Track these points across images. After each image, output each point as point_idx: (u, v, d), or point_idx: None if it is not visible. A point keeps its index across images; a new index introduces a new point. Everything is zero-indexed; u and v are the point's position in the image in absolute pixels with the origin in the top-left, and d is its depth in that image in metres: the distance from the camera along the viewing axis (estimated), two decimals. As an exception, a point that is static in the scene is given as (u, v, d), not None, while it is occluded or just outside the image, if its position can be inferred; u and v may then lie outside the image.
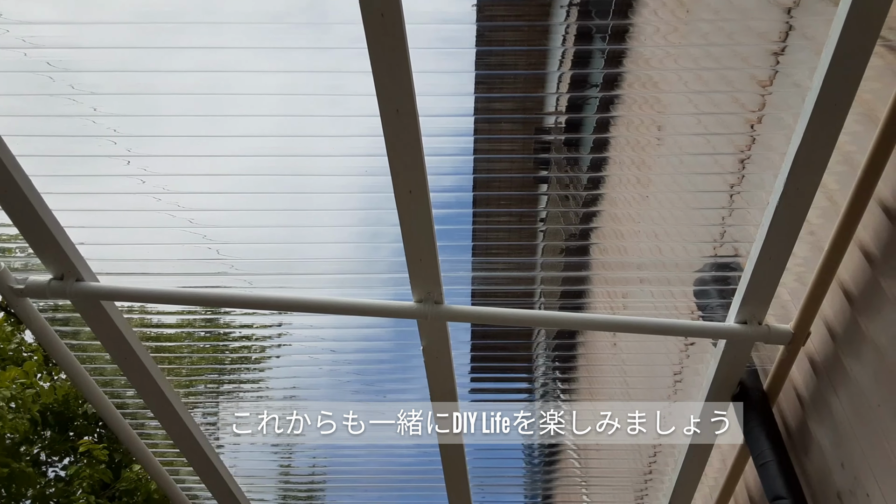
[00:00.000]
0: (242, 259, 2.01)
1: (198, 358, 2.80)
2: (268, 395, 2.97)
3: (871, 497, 1.77)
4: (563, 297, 2.17)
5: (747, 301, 2.05)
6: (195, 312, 2.51)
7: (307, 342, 2.73)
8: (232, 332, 2.88)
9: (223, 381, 2.85)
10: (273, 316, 2.65)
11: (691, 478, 2.64)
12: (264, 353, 2.90)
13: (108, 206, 2.06)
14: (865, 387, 1.82)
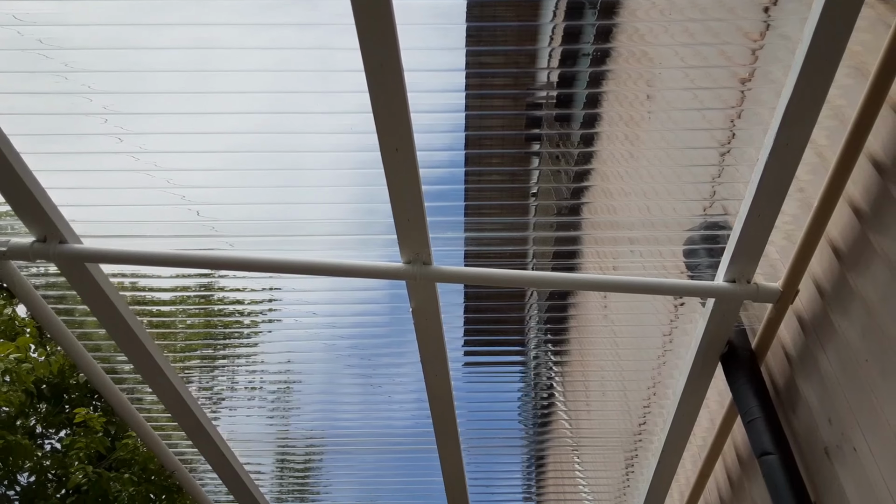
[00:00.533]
0: (229, 220, 1.99)
1: (191, 332, 2.79)
2: (262, 367, 2.98)
3: (859, 451, 1.79)
4: (555, 257, 2.16)
5: (736, 259, 2.04)
6: (186, 276, 2.48)
7: (302, 317, 2.73)
8: (225, 308, 2.86)
9: (216, 356, 2.84)
10: (265, 281, 2.64)
11: (680, 437, 2.66)
12: (257, 326, 2.89)
13: (93, 169, 2.04)
14: (853, 343, 1.83)
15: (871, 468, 1.74)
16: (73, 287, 2.03)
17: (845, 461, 1.85)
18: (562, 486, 3.59)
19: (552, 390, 3.01)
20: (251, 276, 2.61)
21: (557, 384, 2.96)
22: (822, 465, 1.98)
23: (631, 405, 3.02)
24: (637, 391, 2.87)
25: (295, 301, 2.68)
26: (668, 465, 2.80)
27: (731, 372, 2.27)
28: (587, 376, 3.01)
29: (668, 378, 2.70)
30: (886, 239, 1.69)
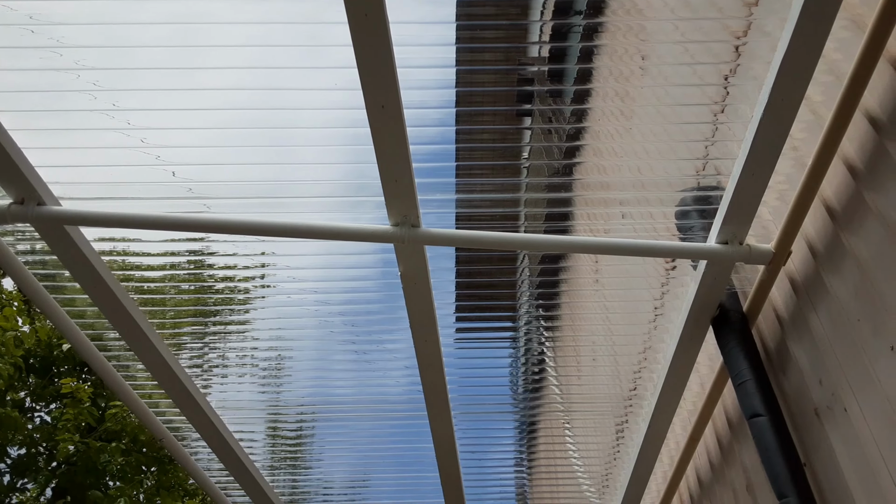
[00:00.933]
0: (209, 182, 1.94)
1: (181, 304, 2.75)
2: (253, 337, 2.95)
3: (849, 411, 1.78)
4: (547, 220, 2.13)
5: (728, 220, 2.02)
6: (175, 241, 2.43)
7: (293, 286, 2.70)
8: (215, 274, 2.82)
9: (207, 323, 2.81)
10: (256, 250, 2.60)
11: (670, 401, 2.66)
12: (247, 296, 2.85)
13: (77, 139, 1.99)
14: (845, 302, 1.81)
15: (861, 428, 1.73)
16: (52, 251, 1.98)
17: (836, 422, 1.85)
18: (552, 452, 3.60)
19: (543, 356, 3.00)
20: (241, 241, 2.57)
21: (548, 350, 2.95)
22: (812, 426, 1.98)
23: (622, 371, 3.02)
24: (628, 356, 2.87)
25: (285, 267, 2.64)
26: (658, 429, 2.80)
27: (722, 335, 2.26)
28: (577, 340, 3.00)
29: (658, 343, 2.69)
30: (881, 196, 1.66)
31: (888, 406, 1.63)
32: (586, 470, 3.64)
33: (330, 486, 3.73)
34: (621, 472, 3.29)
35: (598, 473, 3.55)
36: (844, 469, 1.80)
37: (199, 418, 2.65)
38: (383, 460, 3.56)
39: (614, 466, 3.40)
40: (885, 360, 1.65)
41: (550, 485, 3.88)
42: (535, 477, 3.71)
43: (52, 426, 9.07)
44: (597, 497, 3.70)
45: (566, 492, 3.82)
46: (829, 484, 1.88)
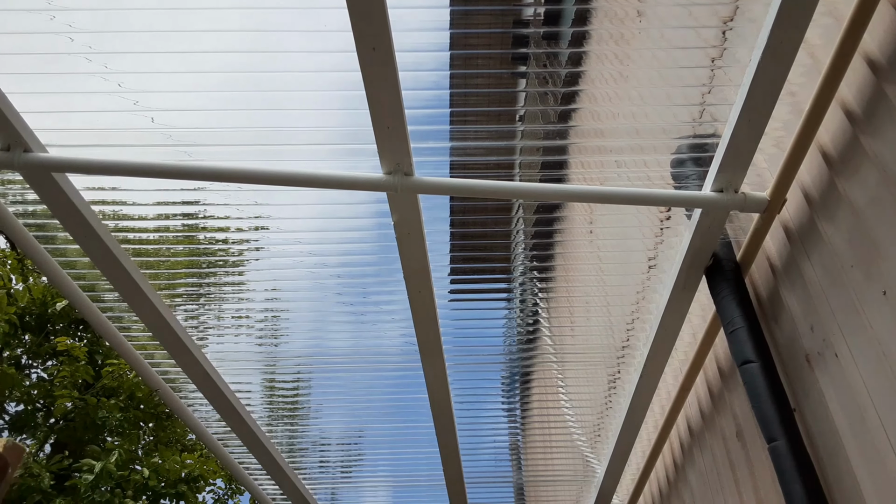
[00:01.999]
0: (192, 129, 1.90)
1: (175, 262, 2.72)
2: (249, 292, 2.94)
3: (840, 356, 1.80)
4: (542, 168, 2.10)
5: (724, 168, 2.00)
6: (168, 191, 2.40)
7: (289, 246, 2.69)
8: (211, 235, 2.79)
9: (201, 284, 2.79)
10: (251, 204, 2.58)
11: (662, 351, 2.68)
12: (242, 255, 2.83)
13: (65, 87, 1.95)
14: (839, 249, 1.81)
15: (851, 372, 1.75)
16: (41, 199, 1.96)
17: (826, 367, 1.87)
18: (545, 403, 3.64)
19: (537, 307, 3.01)
20: (234, 199, 2.54)
21: (542, 302, 2.95)
22: (802, 372, 2.00)
23: (615, 322, 3.04)
24: (621, 306, 2.88)
25: (279, 227, 2.63)
26: (650, 379, 2.83)
27: (715, 284, 2.26)
28: (571, 291, 3.01)
29: (652, 293, 2.70)
30: (878, 141, 1.65)
31: (879, 350, 1.64)
32: (578, 420, 3.69)
33: (327, 438, 3.78)
34: (613, 422, 3.34)
35: (591, 424, 3.60)
36: (834, 413, 1.83)
37: (194, 368, 2.66)
38: (379, 411, 3.60)
39: (606, 416, 3.44)
40: (877, 305, 1.65)
41: (543, 435, 3.94)
42: (528, 427, 3.76)
43: (49, 383, 9.13)
44: (588, 447, 3.76)
45: (558, 442, 3.88)
46: (818, 428, 1.91)
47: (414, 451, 3.69)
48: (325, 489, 3.92)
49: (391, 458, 3.89)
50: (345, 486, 3.98)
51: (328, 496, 4.00)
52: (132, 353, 2.76)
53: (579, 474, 4.02)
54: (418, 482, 3.90)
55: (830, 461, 1.84)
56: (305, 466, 3.76)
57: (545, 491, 4.37)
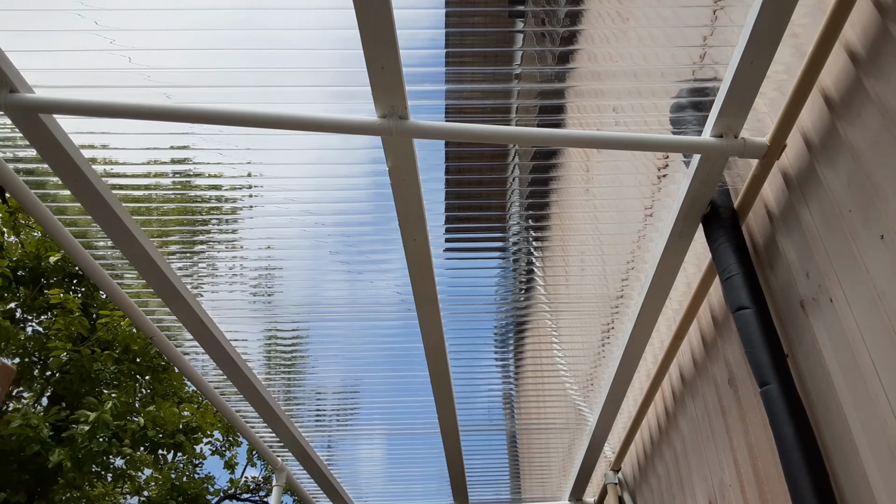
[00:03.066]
0: (178, 69, 1.86)
1: (166, 212, 2.69)
2: (243, 246, 2.92)
3: (835, 301, 1.80)
4: (539, 113, 2.07)
5: (725, 112, 1.97)
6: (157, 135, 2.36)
7: (282, 204, 2.66)
8: (201, 185, 2.76)
9: (195, 241, 2.77)
10: (243, 161, 2.55)
11: (657, 300, 2.68)
12: (235, 211, 2.80)
13: (54, 36, 1.89)
14: (838, 194, 1.80)
15: (845, 317, 1.76)
16: (29, 142, 1.92)
17: (821, 313, 1.87)
18: (539, 353, 3.67)
19: (532, 258, 3.00)
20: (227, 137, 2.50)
21: (538, 252, 2.95)
22: (796, 318, 2.00)
23: (609, 273, 3.04)
24: (616, 255, 2.87)
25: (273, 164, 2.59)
26: (644, 328, 2.84)
27: (711, 232, 2.25)
28: (566, 241, 3.00)
29: (648, 242, 2.69)
30: (881, 83, 1.62)
31: (874, 294, 1.64)
32: (572, 370, 3.72)
33: (323, 387, 3.80)
34: (606, 372, 3.36)
35: (584, 373, 3.63)
36: (826, 358, 1.84)
37: (188, 315, 2.65)
38: (375, 361, 3.62)
39: (599, 366, 3.47)
40: (873, 249, 1.65)
41: (536, 384, 3.98)
42: (521, 376, 3.79)
43: (44, 336, 9.17)
44: (581, 397, 3.80)
45: (552, 391, 3.92)
46: (811, 372, 1.92)
47: (409, 400, 3.73)
48: (322, 437, 3.97)
49: (387, 407, 3.93)
50: (341, 434, 4.03)
51: (324, 444, 4.05)
52: (125, 300, 2.74)
53: (572, 423, 4.07)
54: (414, 430, 3.95)
55: (822, 405, 1.86)
56: (302, 415, 3.79)
57: (538, 438, 4.44)
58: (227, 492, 14.15)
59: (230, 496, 14.42)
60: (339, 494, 4.39)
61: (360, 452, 4.31)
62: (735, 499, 2.43)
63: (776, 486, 2.14)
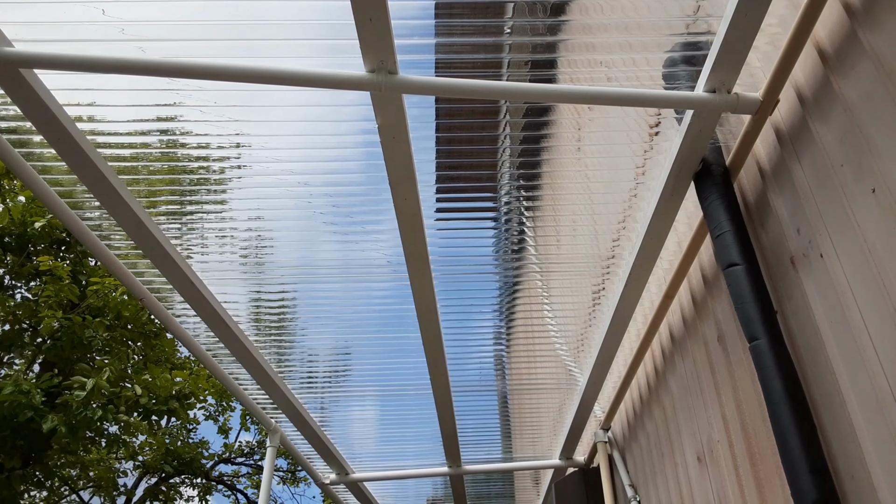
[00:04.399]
0: (170, 21, 1.81)
1: (154, 175, 2.65)
2: (232, 210, 2.89)
3: (825, 256, 1.80)
4: (532, 68, 2.03)
5: (718, 66, 1.95)
6: (143, 92, 2.32)
7: (271, 163, 2.64)
8: (189, 152, 2.71)
9: (183, 205, 2.74)
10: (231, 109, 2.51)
11: (647, 259, 2.68)
12: (224, 175, 2.77)
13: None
14: (830, 149, 1.79)
15: (836, 271, 1.76)
16: (10, 99, 1.87)
17: (811, 268, 1.88)
18: (530, 315, 3.68)
19: (523, 220, 2.99)
20: (215, 92, 2.45)
21: (529, 214, 2.94)
22: (786, 275, 2.01)
23: (601, 234, 3.03)
24: (608, 214, 2.87)
25: (262, 122, 2.57)
26: (635, 288, 2.85)
27: (703, 189, 2.25)
28: (558, 200, 2.99)
29: (639, 201, 2.68)
30: (876, 34, 1.60)
31: (864, 248, 1.64)
32: (563, 331, 3.74)
33: (316, 349, 3.81)
34: (596, 332, 3.39)
35: (575, 334, 3.65)
36: (816, 313, 1.85)
37: (178, 276, 2.64)
38: (367, 323, 3.63)
39: (590, 327, 3.49)
40: (865, 203, 1.65)
41: (527, 345, 4.00)
42: (512, 338, 3.81)
43: (34, 303, 9.13)
44: (572, 358, 3.83)
45: (543, 352, 3.94)
46: (800, 328, 1.94)
47: (402, 361, 3.75)
48: (315, 399, 3.99)
49: (379, 369, 3.94)
50: (334, 395, 4.06)
51: (318, 406, 4.08)
52: (114, 262, 2.72)
53: (562, 383, 4.11)
54: (406, 391, 3.98)
55: (810, 359, 1.88)
56: (295, 377, 3.81)
57: (529, 399, 4.48)
58: (221, 456, 14.30)
59: (225, 460, 14.57)
60: (334, 455, 4.44)
61: (354, 414, 4.34)
62: (723, 454, 2.47)
63: (763, 440, 2.17)
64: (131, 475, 12.93)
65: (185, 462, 12.62)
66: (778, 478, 2.06)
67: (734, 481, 2.37)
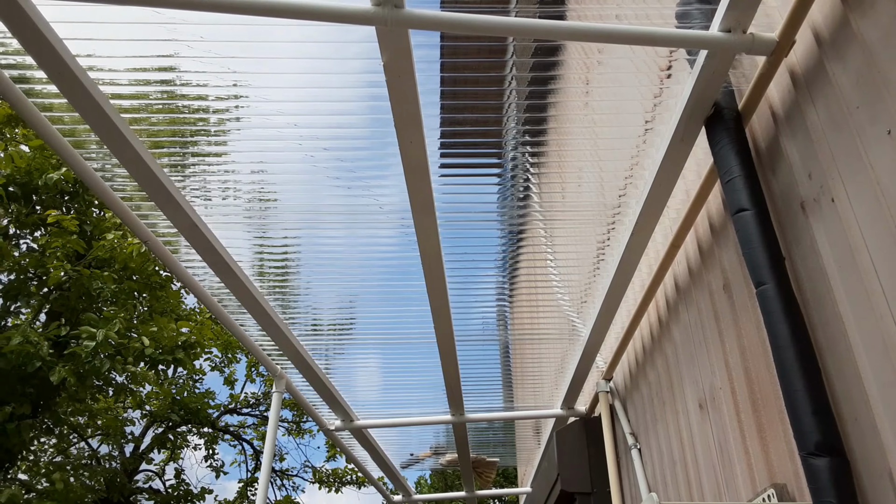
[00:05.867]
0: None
1: (157, 130, 2.62)
2: (234, 162, 2.87)
3: (837, 200, 1.78)
4: (540, 4, 1.98)
5: (734, 6, 1.90)
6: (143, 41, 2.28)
7: (276, 129, 2.61)
8: (190, 101, 2.67)
9: (185, 156, 2.71)
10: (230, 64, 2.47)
11: (654, 208, 2.66)
12: (224, 122, 2.73)
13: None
14: (846, 90, 1.75)
15: (847, 215, 1.74)
16: (11, 32, 1.84)
17: (821, 213, 1.85)
18: (534, 264, 3.67)
19: (528, 164, 2.96)
20: (212, 58, 2.41)
21: (534, 156, 2.90)
22: (796, 221, 1.99)
23: (607, 184, 3.00)
24: (616, 160, 2.83)
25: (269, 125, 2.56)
26: (641, 237, 2.83)
27: (714, 134, 2.21)
28: (563, 146, 2.95)
29: (649, 148, 2.64)
30: (900, -31, 1.55)
31: (877, 190, 1.62)
32: (567, 281, 3.74)
33: (320, 299, 3.82)
34: (601, 283, 3.38)
35: (579, 284, 3.65)
36: (825, 257, 1.83)
37: (182, 220, 2.62)
38: (371, 273, 3.63)
39: (595, 278, 3.48)
40: (880, 144, 1.62)
41: (531, 296, 4.00)
42: (516, 287, 3.81)
43: (40, 253, 9.16)
44: (576, 308, 3.84)
45: (546, 302, 3.95)
46: (808, 274, 1.92)
47: (406, 310, 3.76)
48: (320, 347, 4.02)
49: (384, 317, 3.96)
50: (339, 343, 4.08)
51: (322, 354, 4.11)
52: (118, 203, 2.70)
53: (565, 334, 4.13)
54: (410, 340, 4.00)
55: (817, 305, 1.87)
56: (300, 325, 3.82)
57: (531, 349, 4.51)
58: (227, 406, 14.52)
59: (230, 411, 14.80)
60: (338, 402, 4.49)
61: (358, 362, 4.38)
62: (725, 401, 2.48)
63: (767, 387, 2.17)
64: (139, 424, 13.17)
65: (192, 412, 12.82)
66: (780, 422, 2.07)
67: (735, 427, 2.39)
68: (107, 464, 12.06)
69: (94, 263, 9.52)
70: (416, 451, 6.23)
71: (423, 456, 6.31)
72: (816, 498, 1.62)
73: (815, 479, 1.63)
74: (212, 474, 15.68)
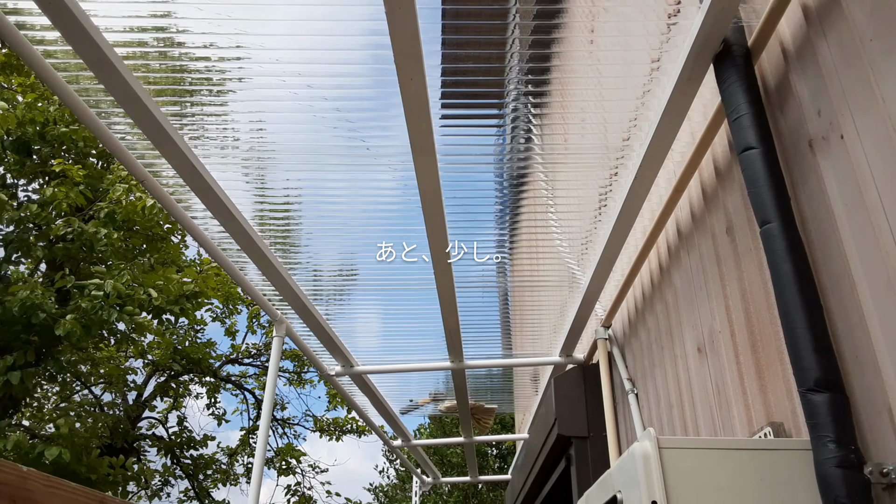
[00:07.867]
0: None
1: (157, 78, 2.56)
2: (234, 126, 2.83)
3: (846, 137, 1.75)
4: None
5: (746, -66, 1.83)
6: None
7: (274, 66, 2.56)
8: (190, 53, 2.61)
9: (183, 106, 2.65)
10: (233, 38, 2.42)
11: (660, 150, 2.62)
12: (226, 75, 2.67)
13: None
14: (860, 23, 1.70)
15: (856, 152, 1.71)
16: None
17: (829, 151, 1.82)
18: (535, 209, 3.65)
19: (530, 106, 2.91)
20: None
21: (536, 97, 2.85)
22: (803, 159, 1.96)
23: (610, 124, 2.96)
24: (621, 100, 2.78)
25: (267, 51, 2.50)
26: (645, 179, 2.79)
27: (722, 71, 2.16)
28: (566, 85, 2.90)
29: (655, 87, 2.59)
30: None
31: (889, 125, 1.58)
32: (567, 229, 3.72)
33: (319, 246, 3.80)
34: (602, 229, 3.36)
35: (580, 232, 3.63)
36: (831, 196, 1.81)
37: (180, 161, 2.59)
38: (371, 218, 3.60)
39: (596, 224, 3.46)
40: (893, 78, 1.58)
41: (531, 243, 3.99)
42: (516, 234, 3.79)
43: (43, 205, 9.09)
44: (576, 256, 3.83)
45: (546, 250, 3.94)
46: (813, 213, 1.90)
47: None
48: (320, 292, 4.02)
49: (383, 264, 3.95)
50: (339, 289, 4.08)
51: (323, 300, 4.11)
52: (113, 141, 2.66)
53: (565, 281, 4.13)
54: (410, 286, 4.00)
55: (822, 244, 1.85)
56: (300, 271, 3.81)
57: (531, 296, 4.52)
58: (228, 357, 14.66)
59: (232, 361, 14.95)
60: (339, 348, 4.52)
61: (358, 309, 4.39)
62: (724, 343, 2.49)
63: (767, 328, 2.17)
64: (141, 373, 13.30)
65: (194, 361, 12.94)
66: (779, 363, 2.07)
67: (734, 369, 2.40)
68: (110, 411, 12.22)
69: (95, 215, 9.46)
70: (416, 397, 6.31)
71: (422, 402, 6.39)
72: (814, 433, 1.63)
73: (813, 414, 1.64)
74: (214, 422, 15.93)
